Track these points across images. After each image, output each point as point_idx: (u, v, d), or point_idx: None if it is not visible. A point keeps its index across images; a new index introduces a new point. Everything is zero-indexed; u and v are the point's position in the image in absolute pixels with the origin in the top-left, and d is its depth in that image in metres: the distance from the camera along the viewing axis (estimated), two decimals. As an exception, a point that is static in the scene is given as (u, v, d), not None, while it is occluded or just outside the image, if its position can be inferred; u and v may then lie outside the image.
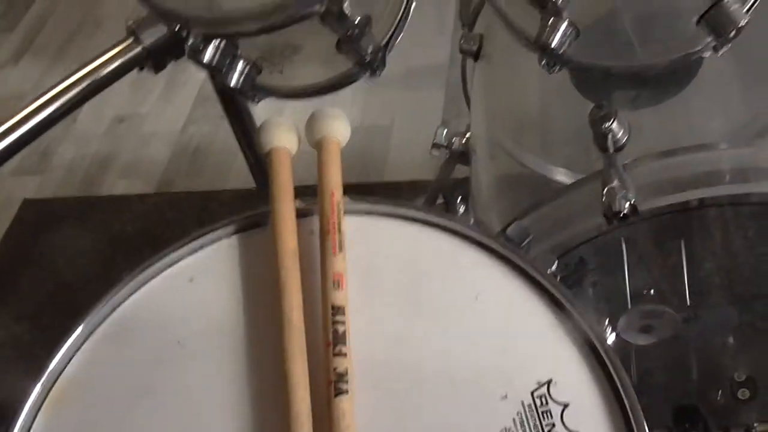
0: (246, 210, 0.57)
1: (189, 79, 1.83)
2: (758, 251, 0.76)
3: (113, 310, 0.52)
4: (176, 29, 0.65)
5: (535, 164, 0.83)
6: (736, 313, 0.79)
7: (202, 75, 1.82)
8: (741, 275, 0.77)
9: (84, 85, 0.88)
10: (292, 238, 0.52)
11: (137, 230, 1.55)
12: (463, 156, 1.00)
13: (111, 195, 1.67)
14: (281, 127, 0.57)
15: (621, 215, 0.62)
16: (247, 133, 1.15)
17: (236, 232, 0.55)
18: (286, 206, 0.53)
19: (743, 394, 0.84)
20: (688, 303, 0.76)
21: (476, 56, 0.95)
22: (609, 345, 0.46)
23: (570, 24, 0.62)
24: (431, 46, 1.53)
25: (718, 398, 0.85)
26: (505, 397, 0.45)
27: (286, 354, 0.46)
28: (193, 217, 1.52)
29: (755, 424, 0.84)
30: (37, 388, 0.48)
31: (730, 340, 0.82)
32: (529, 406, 0.44)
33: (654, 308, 0.75)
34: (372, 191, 1.45)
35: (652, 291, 0.76)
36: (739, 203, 0.68)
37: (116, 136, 1.79)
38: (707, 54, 0.65)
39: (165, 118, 1.81)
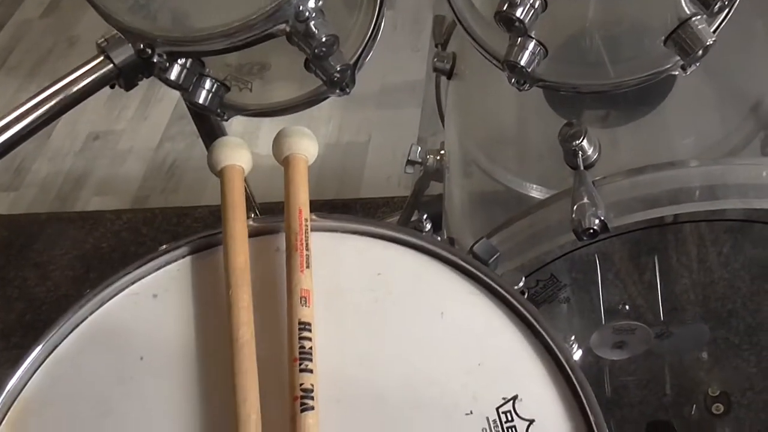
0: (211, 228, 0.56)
1: (164, 96, 1.83)
2: (732, 267, 0.77)
3: (75, 327, 0.51)
4: (140, 48, 0.64)
5: (509, 181, 0.83)
6: (707, 329, 0.80)
7: (177, 92, 1.81)
8: (716, 291, 0.78)
9: (55, 101, 0.87)
10: (243, 255, 0.52)
11: (112, 247, 1.54)
12: (437, 173, 1.01)
13: (85, 211, 1.66)
14: (232, 146, 0.57)
15: (591, 232, 0.62)
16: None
17: (200, 249, 0.54)
18: (237, 224, 0.53)
19: (717, 408, 0.85)
20: (662, 318, 0.76)
21: (449, 74, 0.96)
22: (575, 361, 0.46)
23: (538, 43, 0.62)
24: (407, 64, 1.55)
25: (692, 413, 0.86)
26: (471, 413, 0.45)
27: (235, 370, 0.46)
28: (168, 233, 1.51)
29: (728, 439, 0.84)
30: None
31: (704, 355, 0.83)
32: (495, 422, 0.44)
33: (627, 324, 0.75)
34: (348, 207, 1.46)
35: (626, 307, 0.76)
36: (709, 220, 0.68)
37: (91, 152, 1.78)
38: (675, 72, 0.66)
39: (140, 135, 1.80)
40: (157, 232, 1.54)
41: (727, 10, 0.63)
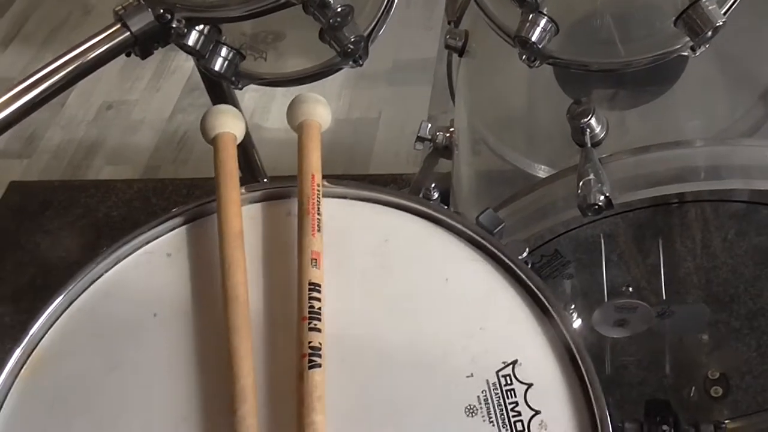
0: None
1: (177, 69, 1.84)
2: (736, 253, 0.77)
3: (92, 282, 0.53)
4: (160, 13, 0.65)
5: (517, 160, 0.84)
6: (708, 309, 0.80)
7: (190, 64, 1.82)
8: (719, 276, 0.78)
9: (71, 68, 0.88)
10: (237, 221, 0.53)
11: (122, 215, 1.55)
12: (446, 150, 1.01)
13: (97, 180, 1.67)
14: (225, 114, 0.58)
15: (596, 207, 0.63)
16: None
17: (213, 212, 0.56)
18: (231, 192, 0.54)
19: (716, 391, 0.86)
20: (660, 298, 0.77)
21: (461, 52, 0.96)
22: (574, 329, 0.47)
23: (549, 20, 0.63)
24: (419, 42, 1.55)
25: (692, 394, 0.87)
26: (471, 375, 0.46)
27: (231, 330, 0.48)
28: (177, 203, 1.50)
29: (726, 421, 0.85)
30: (16, 354, 0.49)
31: (705, 337, 0.83)
32: (494, 384, 0.46)
33: (628, 302, 0.76)
34: (357, 183, 1.47)
35: (629, 288, 0.77)
36: (712, 200, 0.69)
37: (104, 122, 1.80)
38: (685, 53, 0.66)
39: (153, 106, 1.81)
40: (167, 202, 1.55)
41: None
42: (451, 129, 1.01)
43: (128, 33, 0.82)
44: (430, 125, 1.02)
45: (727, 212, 0.73)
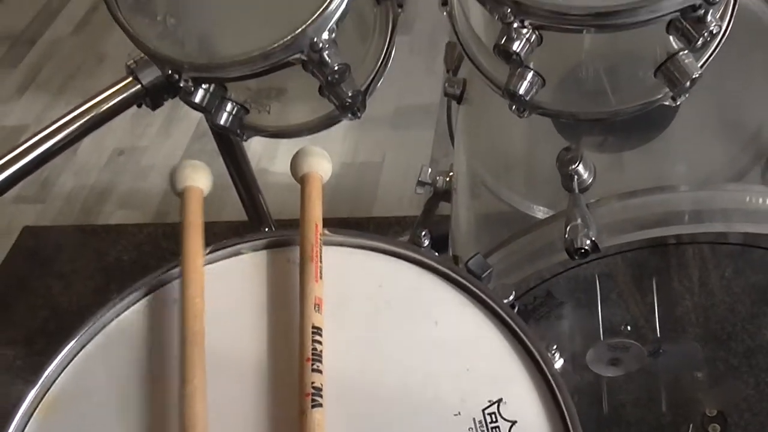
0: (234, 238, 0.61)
1: (186, 115, 1.87)
2: (733, 291, 0.79)
3: (104, 327, 0.56)
4: (169, 73, 0.69)
5: (516, 202, 0.86)
6: (699, 347, 0.82)
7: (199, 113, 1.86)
8: (716, 313, 0.80)
9: (85, 119, 0.93)
10: (198, 278, 0.56)
11: (132, 259, 1.58)
12: (447, 194, 1.04)
13: (108, 224, 1.71)
14: (194, 168, 0.62)
15: (582, 251, 0.65)
16: (239, 169, 1.19)
17: (215, 261, 0.59)
18: (193, 245, 0.58)
19: (713, 429, 0.86)
20: (657, 338, 0.78)
21: (459, 99, 0.99)
22: (556, 368, 0.50)
23: (536, 74, 0.66)
24: (422, 87, 1.58)
25: (689, 432, 0.87)
26: (459, 414, 0.49)
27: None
28: (187, 247, 1.55)
29: (723, 458, 0.86)
30: (31, 395, 0.52)
31: (699, 375, 0.84)
32: (480, 422, 0.48)
33: (620, 342, 0.78)
34: (361, 226, 1.50)
35: (628, 327, 0.79)
36: (705, 242, 0.71)
37: (115, 167, 1.83)
38: (666, 103, 0.69)
39: (163, 152, 1.85)
40: (176, 245, 1.58)
41: (714, 46, 0.67)
42: (451, 173, 1.04)
43: (139, 86, 0.86)
44: (430, 169, 1.05)
45: (724, 252, 0.75)
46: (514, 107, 0.70)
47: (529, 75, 0.66)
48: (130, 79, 0.84)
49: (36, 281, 1.60)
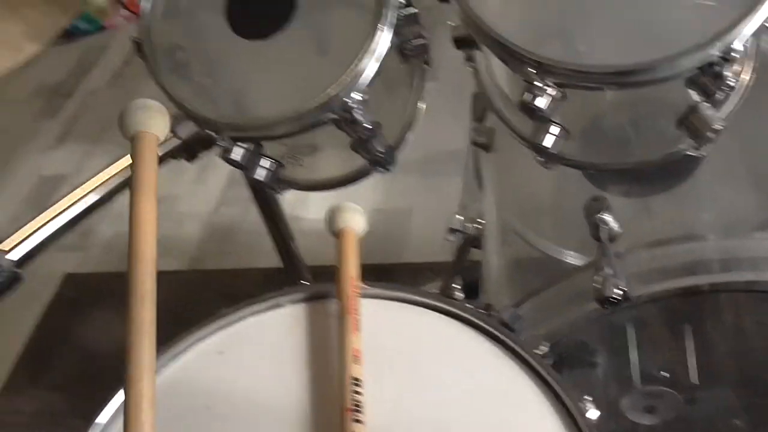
0: (271, 290, 0.63)
1: (221, 163, 1.91)
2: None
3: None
4: (207, 133, 0.72)
5: (546, 247, 0.87)
6: (734, 394, 0.82)
7: (234, 158, 1.90)
8: (754, 359, 0.80)
9: (126, 173, 0.96)
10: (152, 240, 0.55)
11: (169, 305, 1.59)
12: (477, 240, 1.05)
13: (145, 271, 1.74)
14: (148, 111, 0.54)
15: (613, 301, 0.66)
16: (273, 217, 1.22)
17: (265, 310, 0.61)
18: (148, 200, 0.56)
19: (753, 475, 0.85)
20: (692, 384, 0.78)
21: (487, 148, 1.01)
22: (589, 419, 0.51)
23: (560, 127, 0.68)
24: (448, 133, 1.61)
25: (726, 481, 0.86)
26: (493, 465, 0.50)
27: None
28: (222, 293, 1.58)
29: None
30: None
31: (739, 422, 0.83)
32: (513, 474, 0.50)
33: (655, 389, 0.78)
34: (391, 272, 1.52)
35: (662, 373, 0.79)
36: (722, 290, 0.72)
37: (152, 215, 1.88)
38: (690, 153, 0.70)
39: (198, 199, 1.89)
40: (212, 292, 1.60)
41: (737, 97, 0.68)
42: (481, 220, 1.05)
43: (177, 140, 0.90)
44: (461, 217, 1.06)
45: (757, 296, 0.74)
46: (539, 159, 0.72)
47: (554, 128, 0.68)
48: (170, 135, 0.88)
49: (77, 327, 1.64)
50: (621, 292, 0.66)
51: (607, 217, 0.73)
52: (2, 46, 0.63)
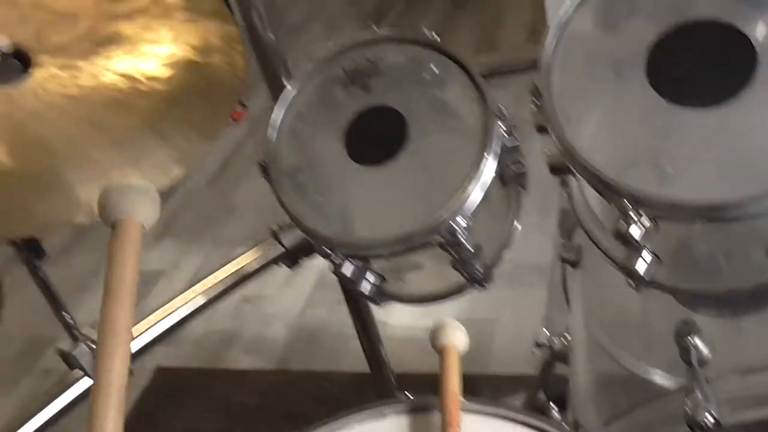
0: (363, 396, 0.66)
1: (310, 266, 1.97)
2: None
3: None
4: (322, 249, 0.77)
5: (634, 365, 0.87)
6: None
7: (321, 262, 1.95)
8: None
9: (232, 279, 1.03)
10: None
11: (256, 404, 1.64)
12: (563, 355, 1.07)
13: (234, 369, 1.80)
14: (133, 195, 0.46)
15: (704, 427, 0.67)
16: (363, 322, 1.27)
17: (368, 419, 0.65)
18: (121, 306, 0.48)
19: None
20: None
21: (575, 264, 1.03)
22: None
23: (653, 255, 0.70)
24: (534, 246, 1.64)
25: None
26: None
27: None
28: (309, 395, 1.61)
29: None
30: None
31: None
32: None
33: None
34: (475, 383, 1.52)
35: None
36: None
37: (242, 314, 1.94)
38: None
39: (286, 301, 1.95)
40: (298, 393, 1.63)
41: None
42: (567, 335, 1.07)
43: (281, 248, 0.96)
44: (547, 331, 1.08)
45: None
46: (631, 282, 0.74)
47: (647, 256, 0.70)
48: (273, 241, 0.94)
49: (166, 420, 1.68)
50: (713, 419, 0.67)
51: (698, 342, 0.73)
52: (155, 170, 0.71)
